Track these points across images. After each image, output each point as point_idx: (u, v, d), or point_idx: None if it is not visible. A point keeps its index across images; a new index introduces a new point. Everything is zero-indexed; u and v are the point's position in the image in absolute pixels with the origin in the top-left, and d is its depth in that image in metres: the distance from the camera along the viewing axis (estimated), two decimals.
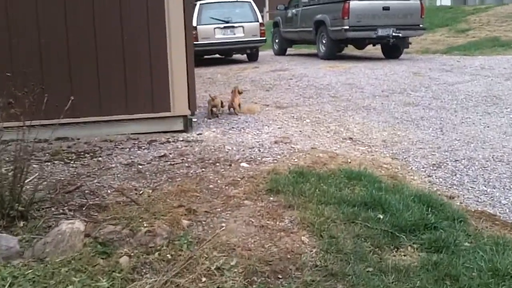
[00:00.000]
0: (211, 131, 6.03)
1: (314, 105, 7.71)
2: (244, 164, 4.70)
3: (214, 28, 13.60)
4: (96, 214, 3.57)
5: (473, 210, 3.90)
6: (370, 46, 14.50)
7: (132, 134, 5.74)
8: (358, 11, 12.61)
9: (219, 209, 3.65)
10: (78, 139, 5.60)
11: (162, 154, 4.99)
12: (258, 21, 13.96)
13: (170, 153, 5.03)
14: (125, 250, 3.12)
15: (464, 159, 5.04)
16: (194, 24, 13.40)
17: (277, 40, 17.09)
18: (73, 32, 5.48)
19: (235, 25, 13.74)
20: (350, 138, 5.88)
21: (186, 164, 4.70)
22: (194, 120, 6.00)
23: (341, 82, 9.50)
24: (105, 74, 5.59)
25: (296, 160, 4.85)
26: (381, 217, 3.59)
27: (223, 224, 3.43)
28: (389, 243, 3.23)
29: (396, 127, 6.28)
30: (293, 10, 15.70)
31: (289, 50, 17.31)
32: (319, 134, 6.02)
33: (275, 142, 5.51)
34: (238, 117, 6.79)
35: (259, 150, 5.20)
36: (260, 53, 17.86)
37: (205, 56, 14.47)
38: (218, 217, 3.53)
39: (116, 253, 3.07)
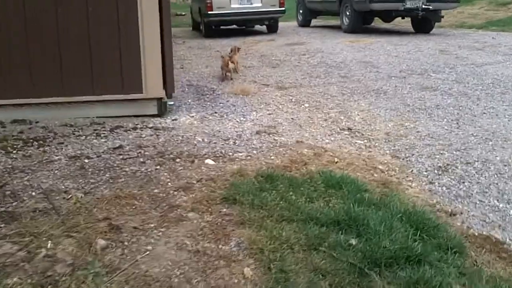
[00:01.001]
0: (189, 116, 5.30)
1: (319, 86, 6.87)
2: (209, 161, 3.97)
3: None
4: (1, 226, 2.92)
5: (476, 234, 3.10)
6: (399, 19, 13.39)
7: (98, 117, 5.07)
8: None
9: (152, 225, 2.96)
10: (37, 122, 4.96)
11: (118, 145, 4.30)
12: None
13: (128, 144, 4.33)
14: (15, 279, 2.48)
15: (477, 161, 4.18)
16: None
17: (301, 11, 16.10)
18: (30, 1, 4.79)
19: None
20: (349, 129, 5.07)
21: (141, 159, 4.00)
22: (170, 103, 5.27)
23: (357, 60, 8.59)
24: (67, 49, 4.90)
25: (273, 157, 4.10)
26: (354, 243, 2.84)
27: (149, 247, 2.73)
28: (354, 282, 2.49)
29: (405, 116, 5.42)
30: None
31: (316, 22, 16.29)
32: (313, 123, 5.23)
33: (257, 133, 4.75)
34: (227, 99, 6.03)
35: (234, 143, 4.46)
36: (284, 23, 16.97)
37: (221, 27, 13.65)
38: (147, 236, 2.83)
39: (3, 283, 2.43)
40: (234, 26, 13.91)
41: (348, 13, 12.70)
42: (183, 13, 12.89)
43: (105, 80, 4.99)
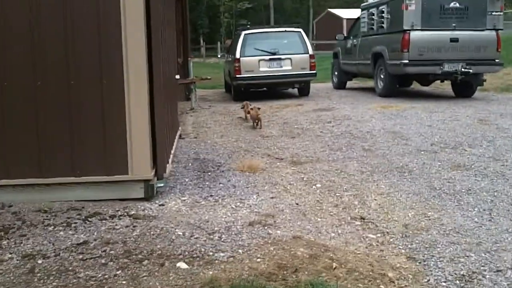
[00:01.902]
0: (180, 200, 4.71)
1: (338, 161, 6.20)
2: (181, 265, 3.34)
3: (259, 60, 12.38)
4: None
5: None
6: (440, 81, 12.68)
7: (79, 201, 4.55)
8: (420, 43, 10.93)
9: None
10: (10, 206, 4.48)
11: (83, 241, 3.73)
12: (308, 52, 12.59)
13: (96, 239, 3.76)
14: None
15: (510, 268, 3.39)
16: (237, 56, 12.33)
17: (336, 73, 15.62)
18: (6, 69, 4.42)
19: (282, 57, 12.45)
20: (361, 218, 4.37)
21: (103, 260, 3.41)
22: (159, 185, 4.71)
23: (385, 129, 7.90)
24: (45, 126, 4.46)
25: (259, 259, 3.44)
26: None
27: None
28: None
29: (429, 203, 4.67)
30: (353, 40, 14.20)
31: (352, 83, 15.75)
32: (321, 209, 4.55)
33: (250, 224, 4.11)
34: (229, 178, 5.43)
35: (220, 238, 3.82)
36: (319, 85, 16.55)
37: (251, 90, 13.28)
38: None
39: None
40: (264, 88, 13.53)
41: (382, 76, 12.10)
42: (209, 77, 12.56)
43: (86, 160, 4.50)
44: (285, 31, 13.03)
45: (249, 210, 4.44)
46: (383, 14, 11.97)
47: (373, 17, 12.62)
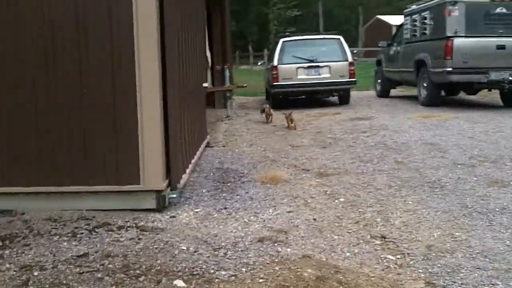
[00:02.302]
0: (193, 212, 4.55)
1: (366, 174, 5.91)
2: (178, 283, 3.18)
3: (297, 68, 12.17)
4: None
5: None
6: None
7: (91, 210, 4.46)
8: (465, 50, 10.45)
9: None
10: (23, 213, 4.44)
11: (83, 253, 3.62)
12: (347, 60, 12.29)
13: (96, 252, 3.64)
14: None
15: None
16: (275, 63, 12.18)
17: (379, 80, 15.22)
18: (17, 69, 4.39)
19: (321, 64, 12.19)
20: (382, 237, 4.08)
21: (99, 274, 3.28)
22: (172, 196, 4.56)
23: (422, 141, 7.53)
24: (57, 134, 4.40)
25: (261, 280, 3.23)
26: None
27: None
28: None
29: (458, 222, 4.33)
30: (396, 47, 13.78)
31: (397, 91, 15.27)
32: (340, 226, 4.29)
33: (260, 240, 3.89)
34: (248, 190, 5.24)
35: (224, 254, 3.63)
36: (363, 93, 16.20)
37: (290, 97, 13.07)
38: None
39: None
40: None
41: (425, 85, 11.65)
42: (245, 85, 12.44)
43: (98, 169, 4.42)
44: (324, 38, 12.78)
45: (261, 225, 4.23)
46: (425, 20, 11.55)
47: (415, 23, 12.20)
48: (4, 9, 4.31)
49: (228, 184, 5.43)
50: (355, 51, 42.85)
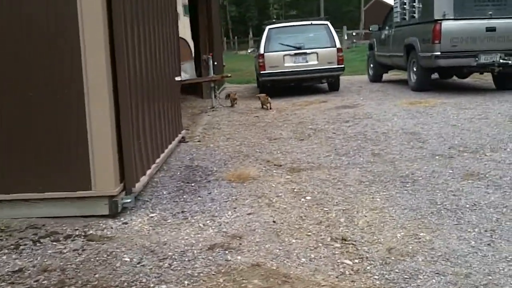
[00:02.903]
0: (148, 217, 4.36)
1: (340, 168, 5.70)
2: None
3: (284, 56, 11.91)
4: None
5: None
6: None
7: (42, 218, 4.29)
8: (453, 33, 10.15)
9: None
10: None
11: (18, 268, 3.44)
12: (335, 46, 12.00)
13: (34, 266, 3.46)
14: None
15: None
16: (262, 51, 11.91)
17: (371, 65, 14.94)
18: None
19: (308, 51, 11.92)
20: (343, 240, 3.89)
21: None
22: (126, 201, 4.37)
23: (403, 130, 7.30)
24: (4, 139, 4.21)
25: None
26: None
27: None
28: None
29: (425, 221, 4.12)
30: (386, 31, 13.47)
31: (391, 75, 14.95)
32: (300, 228, 4.10)
33: (210, 248, 3.71)
34: (212, 190, 5.05)
35: (169, 265, 3.44)
36: (356, 78, 15.94)
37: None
38: None
39: None
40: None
41: (415, 69, 11.37)
42: (229, 75, 12.22)
43: (48, 175, 4.22)
44: (311, 24, 12.49)
45: (216, 230, 4.04)
46: (414, 3, 11.23)
47: (405, 6, 11.88)
48: None
49: (192, 184, 5.24)
50: (354, 34, 42.50)
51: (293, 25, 12.65)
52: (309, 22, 12.69)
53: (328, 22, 12.38)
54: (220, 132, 8.12)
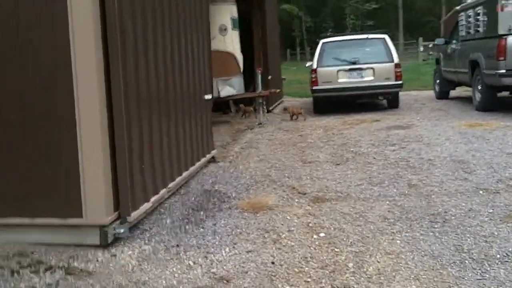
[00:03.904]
0: (140, 249, 4.09)
1: (368, 200, 5.20)
2: None
3: (338, 71, 11.41)
4: None
5: None
6: None
7: (33, 244, 4.13)
8: None
9: None
10: None
11: None
12: (393, 61, 11.36)
13: None
14: None
15: None
16: (314, 66, 11.47)
17: (438, 81, 14.08)
18: None
19: (363, 66, 11.36)
20: None
21: None
22: (119, 231, 4.12)
23: (452, 157, 6.65)
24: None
25: None
26: None
27: None
28: None
29: (443, 273, 3.58)
30: (453, 45, 12.63)
31: (459, 92, 13.97)
32: (299, 273, 3.69)
33: None
34: (220, 220, 4.71)
35: None
36: (423, 93, 15.18)
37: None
38: None
39: None
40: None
41: (479, 87, 10.52)
42: (278, 90, 11.94)
43: (42, 200, 4.07)
44: (367, 38, 11.92)
45: (205, 270, 3.69)
46: (478, 17, 10.40)
47: (470, 19, 11.06)
48: None
49: (201, 213, 4.93)
50: (431, 45, 40.78)
51: (349, 39, 12.14)
52: (365, 36, 12.12)
53: (385, 36, 11.76)
54: (256, 152, 7.78)
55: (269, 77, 12.95)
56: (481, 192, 5.25)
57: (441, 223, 4.47)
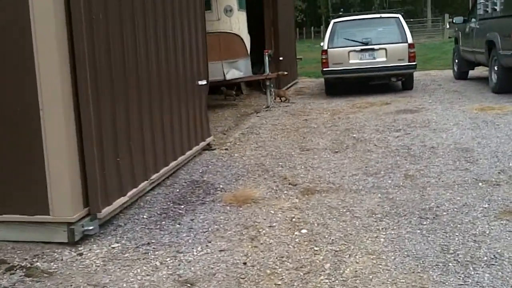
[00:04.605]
0: (109, 248, 3.92)
1: (360, 192, 4.96)
2: None
3: (349, 52, 11.05)
4: None
5: None
6: None
7: (3, 241, 4.01)
8: None
9: None
10: None
11: None
12: (406, 41, 10.92)
13: None
14: None
15: None
16: (325, 47, 11.12)
17: (456, 61, 13.56)
18: None
19: (376, 47, 10.96)
20: None
21: None
22: (88, 228, 3.97)
23: (456, 145, 6.33)
24: None
25: None
26: None
27: None
28: None
29: (424, 276, 3.33)
30: (471, 24, 12.10)
31: (479, 72, 13.43)
32: (271, 275, 3.49)
33: None
34: (199, 215, 4.53)
35: None
36: (443, 73, 14.69)
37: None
38: None
39: None
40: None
41: (496, 69, 10.04)
42: (285, 73, 11.55)
43: (9, 196, 3.94)
44: (380, 17, 11.49)
45: (170, 272, 3.52)
46: None
47: None
48: None
49: (182, 206, 4.75)
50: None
51: (361, 19, 11.73)
52: (378, 16, 11.68)
53: (399, 15, 11.31)
54: (255, 139, 7.57)
55: (280, 58, 12.64)
56: (480, 184, 4.95)
57: (431, 219, 4.20)
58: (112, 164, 4.25)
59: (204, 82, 6.57)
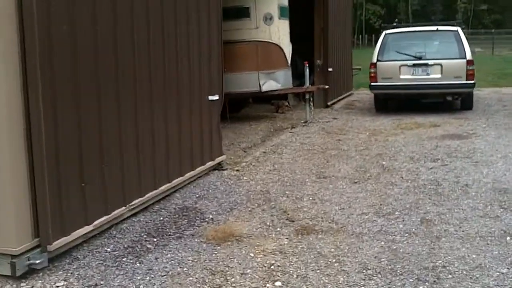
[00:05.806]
0: (53, 286, 3.53)
1: (361, 237, 4.30)
2: None
3: (400, 66, 10.22)
4: None
5: None
6: None
7: None
8: None
9: None
10: None
11: None
12: (465, 57, 9.94)
13: None
14: None
15: None
16: (374, 60, 10.36)
17: None
18: None
19: (430, 62, 10.06)
20: None
21: None
22: (34, 262, 3.58)
23: (496, 183, 5.53)
24: None
25: None
26: None
27: None
28: None
29: None
30: None
31: None
32: None
33: None
34: (158, 257, 4.03)
35: None
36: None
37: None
38: None
39: None
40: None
41: None
42: (326, 86, 10.86)
43: None
44: (437, 30, 10.54)
45: None
46: None
47: None
48: None
49: (155, 240, 4.29)
50: None
51: (415, 31, 10.85)
52: (435, 28, 10.74)
53: (458, 28, 10.33)
54: (274, 159, 7.01)
55: (330, 69, 11.97)
56: (508, 238, 4.16)
57: (430, 283, 3.49)
58: (74, 189, 3.86)
59: (216, 97, 6.09)
